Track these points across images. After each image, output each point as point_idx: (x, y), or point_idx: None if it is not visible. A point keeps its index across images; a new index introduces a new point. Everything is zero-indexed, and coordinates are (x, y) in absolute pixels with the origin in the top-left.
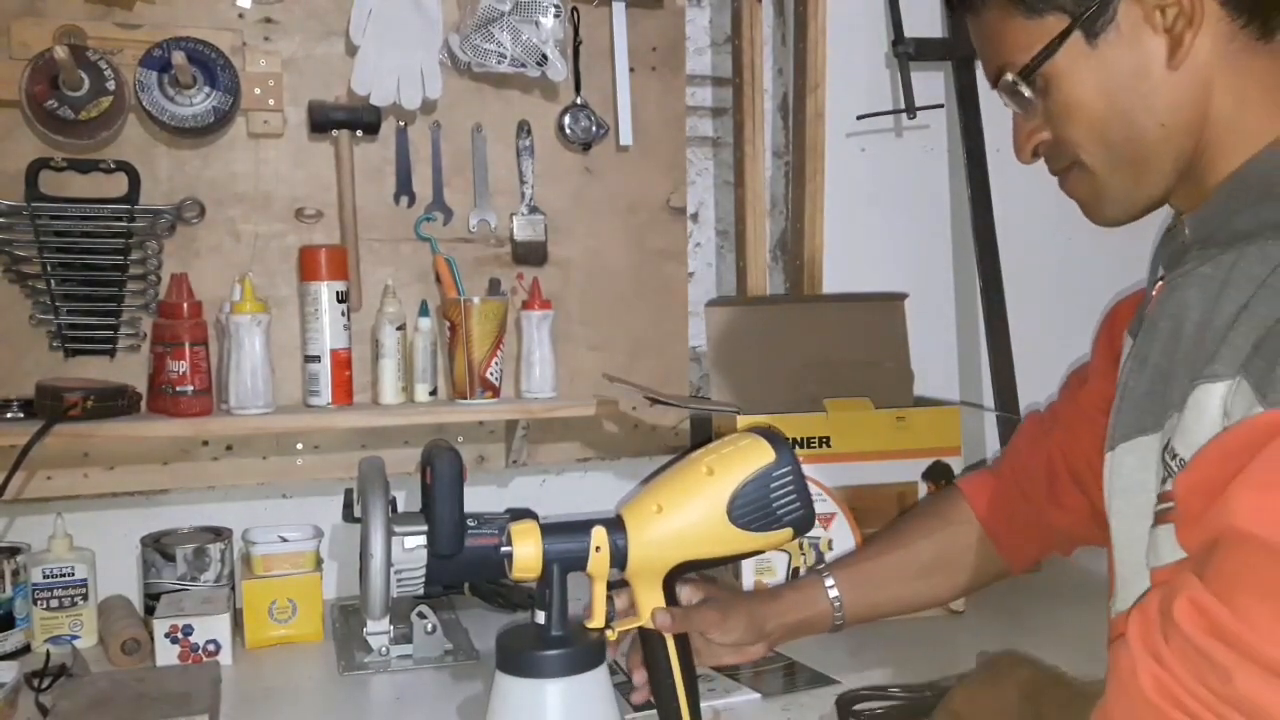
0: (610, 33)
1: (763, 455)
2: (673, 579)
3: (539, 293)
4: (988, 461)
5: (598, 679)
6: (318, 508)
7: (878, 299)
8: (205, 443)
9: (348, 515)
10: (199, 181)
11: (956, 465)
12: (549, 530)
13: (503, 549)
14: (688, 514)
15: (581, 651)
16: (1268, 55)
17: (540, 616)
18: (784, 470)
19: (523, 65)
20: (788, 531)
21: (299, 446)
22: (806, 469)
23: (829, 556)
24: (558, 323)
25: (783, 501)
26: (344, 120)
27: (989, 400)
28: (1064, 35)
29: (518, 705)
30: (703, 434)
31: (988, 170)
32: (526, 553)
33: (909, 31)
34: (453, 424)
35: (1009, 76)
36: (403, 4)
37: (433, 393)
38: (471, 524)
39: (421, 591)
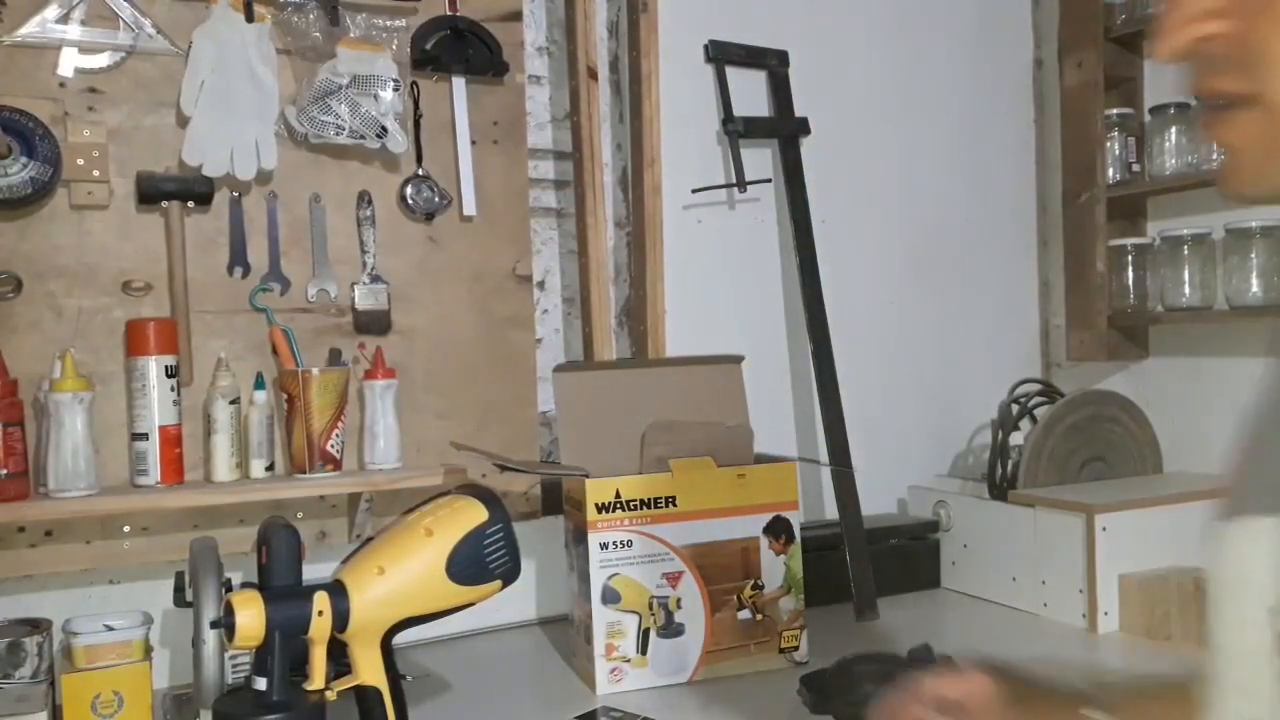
0: (451, 107)
1: (477, 515)
2: (389, 636)
3: (382, 362)
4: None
5: None
6: (147, 593)
7: (717, 361)
8: (21, 529)
9: (179, 599)
10: (15, 255)
11: (795, 519)
12: (271, 598)
13: (224, 619)
14: (409, 574)
15: (302, 714)
16: None
17: (260, 683)
18: (496, 528)
19: (362, 137)
20: (497, 583)
21: (126, 529)
22: (655, 529)
23: (678, 616)
24: (403, 392)
25: (494, 556)
26: (174, 191)
27: (823, 455)
28: None
29: None
30: (554, 498)
31: (814, 239)
32: (248, 621)
33: (737, 111)
34: (291, 500)
35: None
36: (236, 76)
37: (269, 468)
38: None
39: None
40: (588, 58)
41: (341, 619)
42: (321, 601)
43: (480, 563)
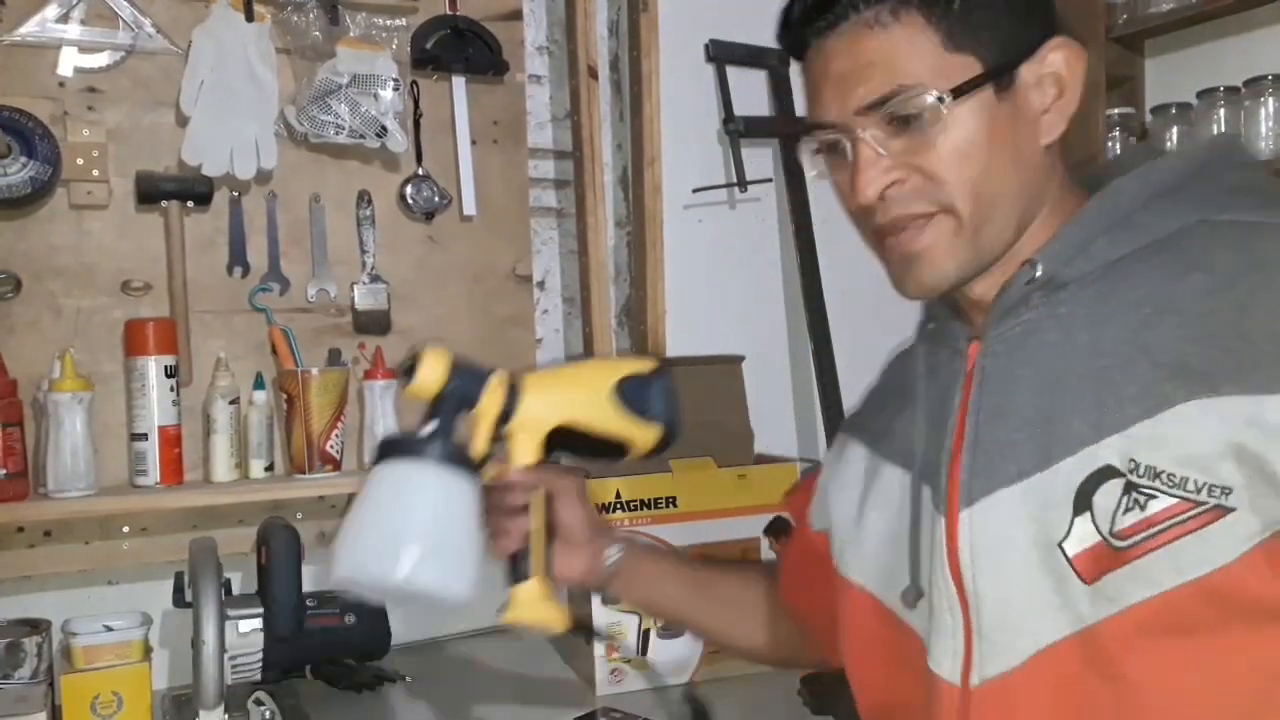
0: (451, 106)
1: (648, 365)
2: (551, 443)
3: (382, 362)
4: None
5: (468, 484)
6: (146, 593)
7: (718, 361)
8: (20, 529)
9: (178, 600)
10: (14, 254)
11: None
12: (456, 360)
13: (407, 365)
14: (578, 381)
15: (458, 450)
16: (1061, 162)
17: (429, 426)
18: (666, 381)
19: (362, 136)
20: (659, 428)
21: (125, 530)
22: (655, 530)
23: None
24: (403, 392)
25: (660, 402)
26: (174, 191)
27: (824, 455)
28: (985, 77)
29: (383, 483)
30: None
31: (814, 240)
32: (431, 373)
33: (738, 110)
34: (291, 500)
35: (929, 96)
36: (236, 75)
37: (269, 468)
38: (311, 604)
39: (259, 677)
40: (588, 57)
41: (511, 402)
42: (498, 377)
43: (646, 399)
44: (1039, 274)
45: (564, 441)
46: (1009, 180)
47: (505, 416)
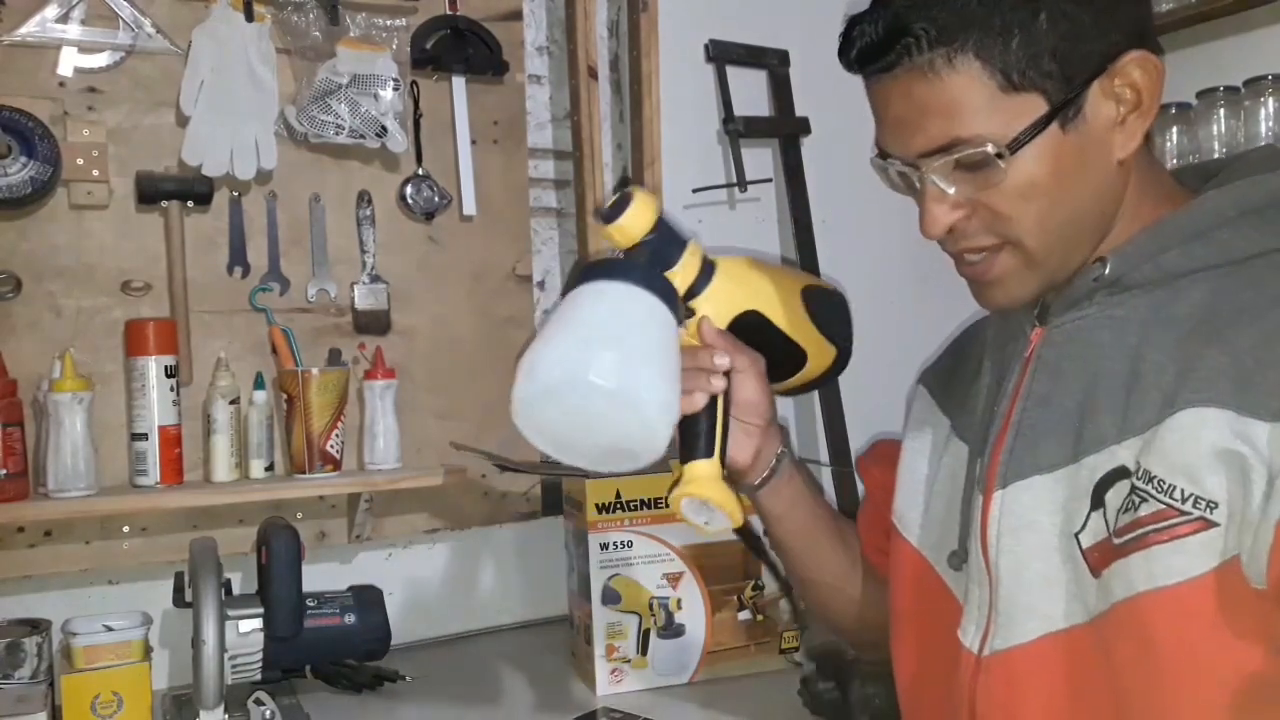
0: (451, 106)
1: (828, 284)
2: (737, 329)
3: (382, 362)
4: None
5: (673, 321)
6: (146, 593)
7: None
8: (21, 529)
9: (178, 600)
10: (15, 255)
11: None
12: (664, 212)
13: (615, 204)
14: (770, 274)
15: (668, 284)
16: (1148, 151)
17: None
18: (846, 303)
19: (362, 136)
20: (834, 350)
21: (125, 529)
22: (655, 530)
23: (679, 617)
24: (403, 392)
25: (840, 323)
26: (174, 191)
27: (824, 455)
28: (1048, 118)
29: (590, 296)
30: (554, 498)
31: (815, 239)
32: (637, 218)
33: (738, 110)
34: (291, 500)
35: (988, 148)
36: (236, 76)
37: (269, 468)
38: (311, 604)
39: (259, 677)
40: (588, 57)
41: (706, 274)
42: (695, 245)
43: (827, 314)
44: (1106, 273)
45: (744, 336)
46: (1078, 207)
47: (694, 291)
